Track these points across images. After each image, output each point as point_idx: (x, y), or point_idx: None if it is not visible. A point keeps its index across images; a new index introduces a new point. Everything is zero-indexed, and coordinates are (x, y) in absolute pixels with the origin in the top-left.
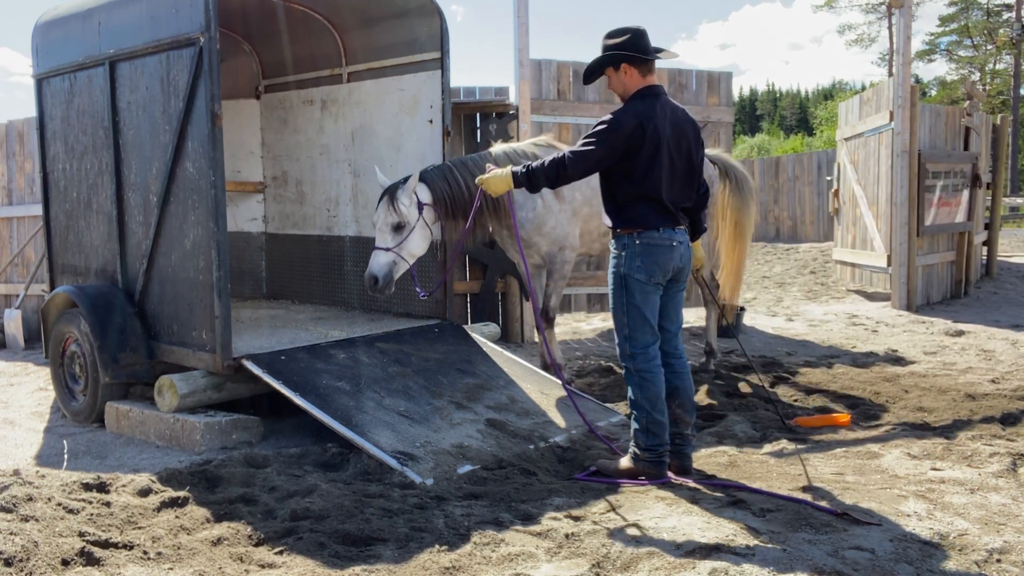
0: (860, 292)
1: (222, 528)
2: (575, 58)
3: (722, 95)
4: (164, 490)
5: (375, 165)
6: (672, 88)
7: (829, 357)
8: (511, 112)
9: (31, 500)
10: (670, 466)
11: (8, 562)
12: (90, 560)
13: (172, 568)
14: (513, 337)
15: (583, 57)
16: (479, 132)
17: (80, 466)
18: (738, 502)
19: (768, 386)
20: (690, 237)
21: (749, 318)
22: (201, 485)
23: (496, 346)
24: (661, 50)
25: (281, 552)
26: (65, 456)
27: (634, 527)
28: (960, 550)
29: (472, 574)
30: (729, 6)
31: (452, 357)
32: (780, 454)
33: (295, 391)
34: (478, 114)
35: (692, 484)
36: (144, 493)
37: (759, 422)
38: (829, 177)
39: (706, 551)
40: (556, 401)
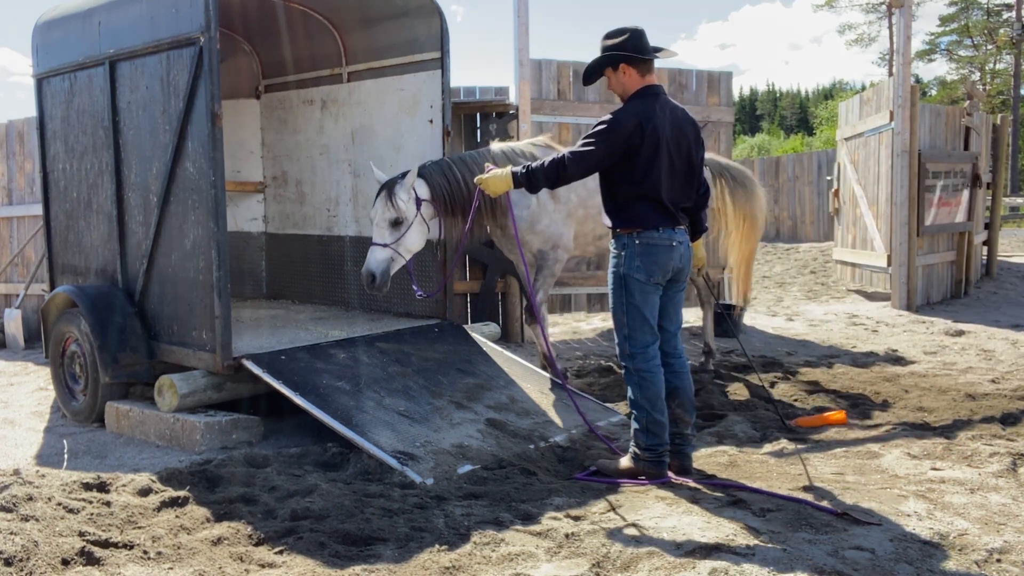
0: (860, 292)
1: (222, 528)
2: (575, 58)
3: (722, 95)
4: (164, 490)
5: (372, 163)
6: (672, 88)
7: (829, 357)
8: (511, 112)
9: (31, 500)
10: (670, 466)
11: (8, 562)
12: (90, 560)
13: (172, 568)
14: (513, 337)
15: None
16: (479, 132)
17: (80, 466)
18: (738, 502)
19: (768, 386)
20: (690, 237)
21: (749, 318)
22: (201, 485)
23: (496, 346)
24: (660, 49)
25: (281, 552)
26: (65, 456)
27: (634, 527)
28: (960, 550)
29: (472, 574)
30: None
31: (452, 357)
32: (780, 454)
33: (295, 391)
34: (478, 114)
35: (692, 484)
36: (144, 493)
37: (759, 422)
38: (829, 177)
39: (706, 551)
40: (556, 401)
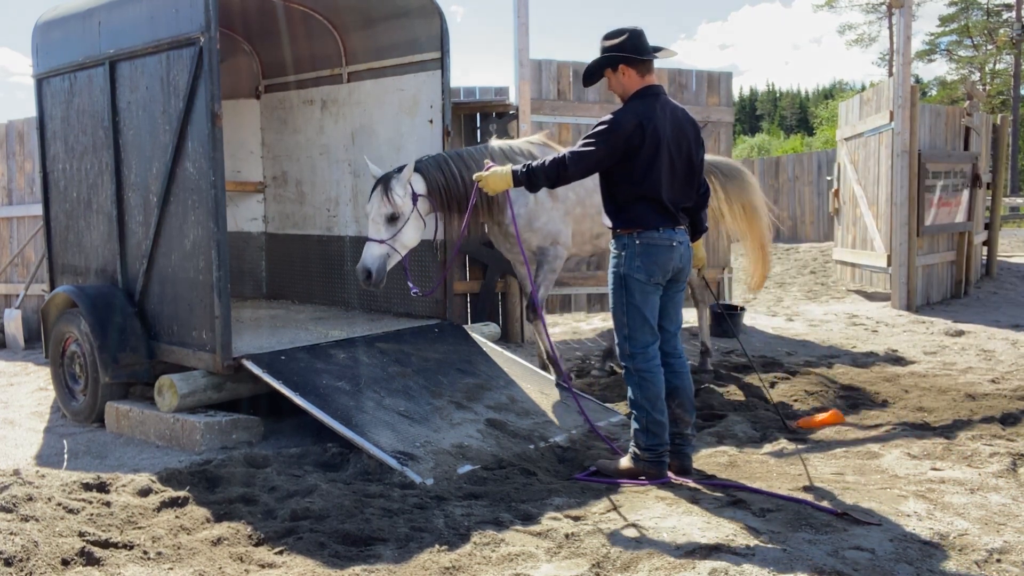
0: (860, 292)
1: (222, 528)
2: (575, 58)
3: (722, 95)
4: (164, 490)
5: (370, 161)
6: (672, 88)
7: (829, 357)
8: (511, 112)
9: (31, 500)
10: (670, 466)
11: (8, 562)
12: (90, 560)
13: (172, 568)
14: (513, 337)
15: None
16: (479, 132)
17: (80, 466)
18: (738, 502)
19: (768, 386)
20: (691, 237)
21: (749, 318)
22: (201, 485)
23: (496, 346)
24: (659, 49)
25: (281, 552)
26: (65, 456)
27: (634, 527)
28: (960, 550)
29: (472, 574)
30: (729, 6)
31: (452, 357)
32: (780, 454)
33: (295, 391)
34: (478, 114)
35: (692, 484)
36: (144, 493)
37: (759, 422)
38: (829, 177)
39: (706, 551)
40: (556, 401)
